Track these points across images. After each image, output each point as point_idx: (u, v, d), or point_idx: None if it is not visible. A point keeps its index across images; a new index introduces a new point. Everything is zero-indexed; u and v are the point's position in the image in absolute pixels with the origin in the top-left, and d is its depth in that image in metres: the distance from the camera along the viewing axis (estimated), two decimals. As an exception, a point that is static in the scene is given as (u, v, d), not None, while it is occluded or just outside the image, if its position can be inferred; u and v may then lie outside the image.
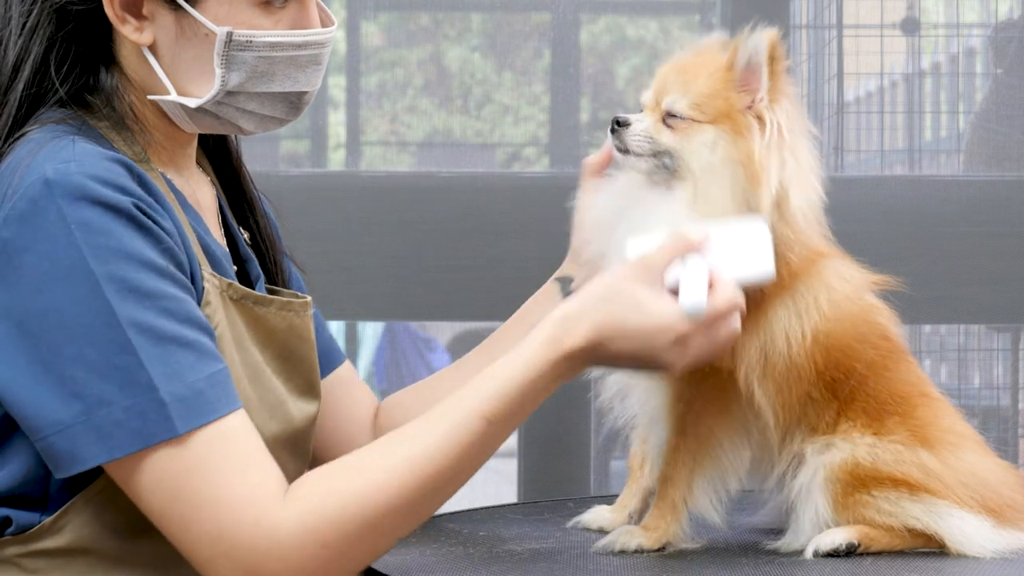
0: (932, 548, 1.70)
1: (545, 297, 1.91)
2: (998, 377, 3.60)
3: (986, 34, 3.34)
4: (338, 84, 3.43)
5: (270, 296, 1.69)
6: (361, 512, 1.46)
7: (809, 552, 1.69)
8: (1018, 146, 3.14)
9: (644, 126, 1.72)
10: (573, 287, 1.84)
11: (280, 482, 1.47)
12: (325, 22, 1.65)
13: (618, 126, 1.73)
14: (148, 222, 1.48)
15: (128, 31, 1.59)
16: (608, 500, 1.91)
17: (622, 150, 1.73)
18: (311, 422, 1.73)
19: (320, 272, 2.04)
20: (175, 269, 1.49)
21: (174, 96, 1.60)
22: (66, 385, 1.43)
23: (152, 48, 1.60)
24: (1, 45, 1.59)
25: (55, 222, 1.44)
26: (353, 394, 1.95)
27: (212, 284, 1.57)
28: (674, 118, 1.71)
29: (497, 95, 3.27)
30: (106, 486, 1.49)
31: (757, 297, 1.67)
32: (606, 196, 1.79)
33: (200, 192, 1.71)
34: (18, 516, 1.51)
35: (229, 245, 1.71)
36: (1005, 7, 3.32)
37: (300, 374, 1.72)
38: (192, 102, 1.60)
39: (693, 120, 1.70)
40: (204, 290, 1.56)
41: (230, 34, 1.57)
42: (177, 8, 1.57)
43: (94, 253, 1.44)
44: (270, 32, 1.59)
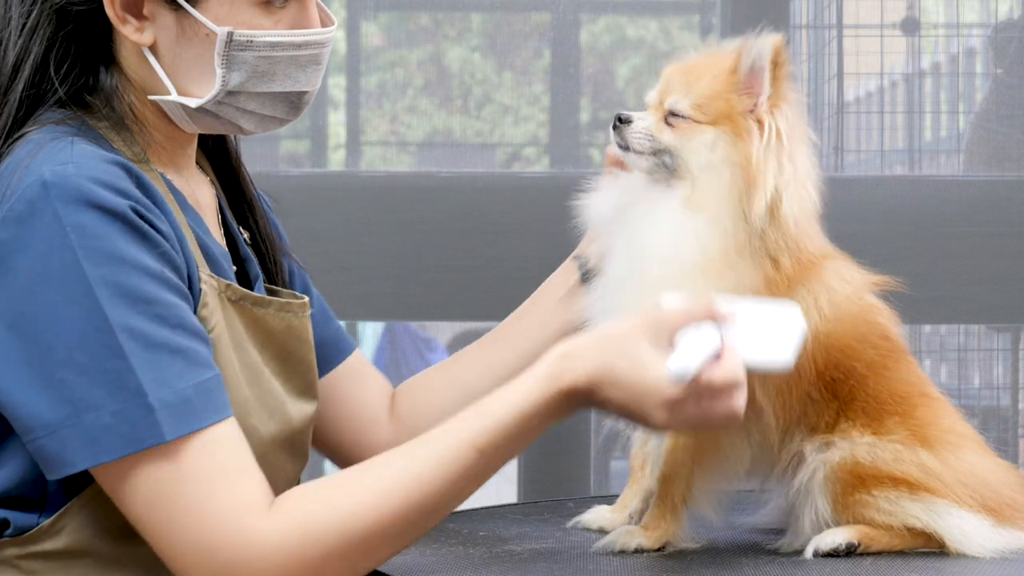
0: (932, 548, 1.70)
1: (564, 274, 1.91)
2: (998, 377, 3.60)
3: (986, 34, 3.33)
4: (338, 84, 3.43)
5: (268, 297, 1.68)
6: (343, 532, 1.45)
7: (809, 552, 1.69)
8: (1018, 146, 3.13)
9: (646, 124, 1.72)
10: (588, 265, 1.84)
11: (266, 494, 1.46)
12: (325, 22, 1.65)
13: (620, 123, 1.73)
14: (145, 226, 1.47)
15: (129, 31, 1.59)
16: (608, 500, 1.91)
17: (623, 147, 1.73)
18: (309, 422, 1.73)
19: (320, 272, 2.03)
20: (170, 273, 1.49)
21: (175, 96, 1.60)
22: (56, 388, 1.42)
23: (152, 48, 1.60)
24: (1, 45, 1.59)
25: (51, 224, 1.44)
26: (365, 382, 1.94)
27: (210, 285, 1.57)
28: (676, 117, 1.71)
29: (497, 95, 3.27)
30: (103, 488, 1.49)
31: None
32: (607, 194, 1.79)
33: (200, 192, 1.71)
34: (16, 518, 1.51)
35: (229, 245, 1.71)
36: (1005, 7, 3.32)
37: (298, 375, 1.72)
38: (193, 102, 1.60)
39: (694, 120, 1.70)
40: (202, 291, 1.55)
41: (231, 34, 1.57)
42: (178, 8, 1.57)
43: (88, 256, 1.44)
44: (270, 32, 1.59)
